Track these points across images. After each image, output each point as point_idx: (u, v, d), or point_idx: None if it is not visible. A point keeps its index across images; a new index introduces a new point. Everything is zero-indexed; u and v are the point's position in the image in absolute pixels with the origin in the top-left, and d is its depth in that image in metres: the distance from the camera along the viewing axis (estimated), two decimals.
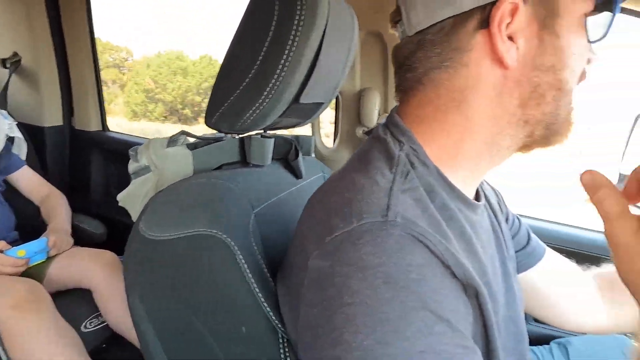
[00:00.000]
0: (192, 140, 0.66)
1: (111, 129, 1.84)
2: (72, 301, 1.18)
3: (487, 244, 0.51)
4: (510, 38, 0.41)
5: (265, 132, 0.72)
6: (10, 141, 1.43)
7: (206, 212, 0.48)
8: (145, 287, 0.47)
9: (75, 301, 1.19)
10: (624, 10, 0.87)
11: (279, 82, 0.52)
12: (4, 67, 1.59)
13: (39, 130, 1.68)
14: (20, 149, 1.51)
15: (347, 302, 0.34)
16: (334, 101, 1.25)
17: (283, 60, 0.50)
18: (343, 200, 0.41)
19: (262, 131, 0.70)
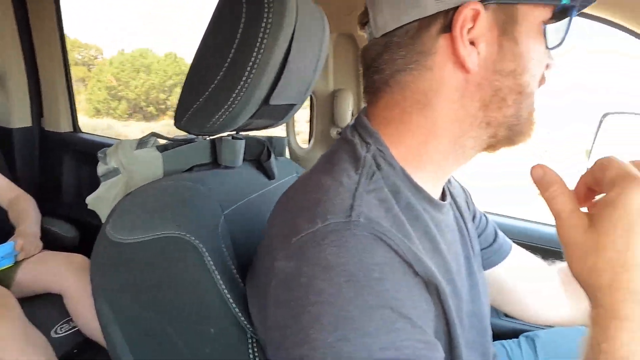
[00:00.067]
0: (162, 142, 0.66)
1: None
2: (41, 306, 1.16)
3: (452, 242, 0.52)
4: (472, 43, 0.42)
5: (238, 133, 0.71)
6: None
7: (174, 214, 0.48)
8: (112, 290, 0.47)
9: (45, 306, 1.16)
10: (588, 16, 0.90)
11: (247, 84, 0.52)
12: None
13: (7, 132, 1.63)
14: None
15: (313, 301, 0.35)
16: (308, 101, 1.26)
17: (251, 63, 0.51)
18: (309, 201, 0.41)
19: (234, 132, 0.70)
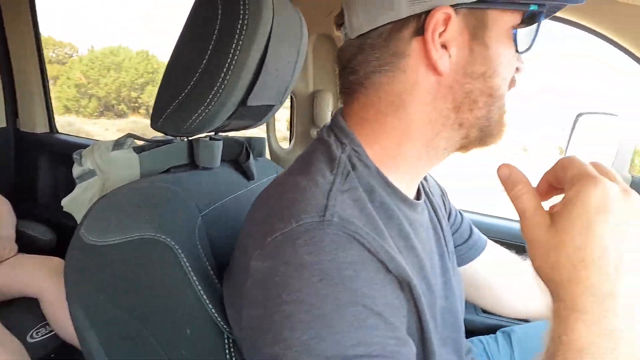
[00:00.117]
0: (139, 143, 0.65)
1: None
2: (16, 311, 1.13)
3: (426, 240, 0.53)
4: (444, 46, 0.43)
5: (216, 134, 0.71)
6: None
7: (149, 216, 0.47)
8: (87, 293, 0.47)
9: (21, 311, 1.14)
10: (561, 20, 0.93)
11: (224, 86, 0.52)
12: None
13: None
14: None
15: (286, 300, 0.35)
16: (290, 102, 1.26)
17: (227, 64, 0.51)
18: (284, 202, 0.42)
19: (212, 133, 0.70)
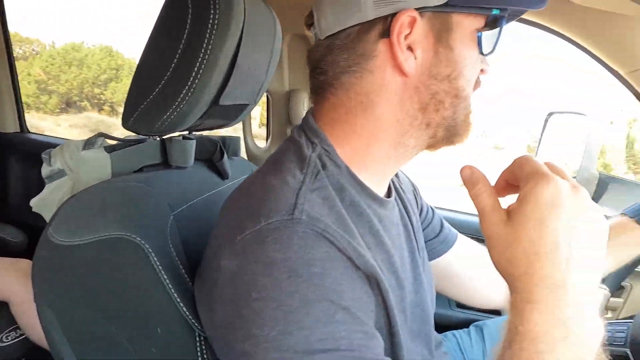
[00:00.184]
0: (111, 142, 0.64)
1: None
2: None
3: (396, 236, 0.55)
4: (410, 48, 0.45)
5: (190, 133, 0.71)
6: None
7: (118, 215, 0.47)
8: (55, 294, 0.46)
9: None
10: (525, 22, 0.96)
11: (195, 84, 0.52)
12: None
13: None
14: None
15: (255, 297, 0.36)
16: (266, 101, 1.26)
17: (198, 63, 0.51)
18: (254, 201, 0.42)
19: (186, 132, 0.69)
